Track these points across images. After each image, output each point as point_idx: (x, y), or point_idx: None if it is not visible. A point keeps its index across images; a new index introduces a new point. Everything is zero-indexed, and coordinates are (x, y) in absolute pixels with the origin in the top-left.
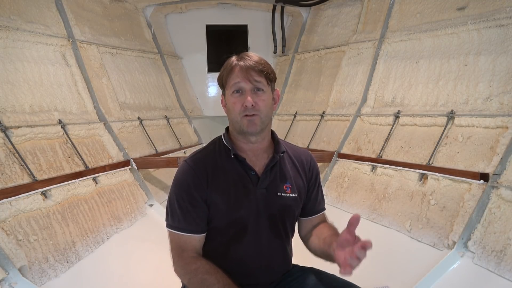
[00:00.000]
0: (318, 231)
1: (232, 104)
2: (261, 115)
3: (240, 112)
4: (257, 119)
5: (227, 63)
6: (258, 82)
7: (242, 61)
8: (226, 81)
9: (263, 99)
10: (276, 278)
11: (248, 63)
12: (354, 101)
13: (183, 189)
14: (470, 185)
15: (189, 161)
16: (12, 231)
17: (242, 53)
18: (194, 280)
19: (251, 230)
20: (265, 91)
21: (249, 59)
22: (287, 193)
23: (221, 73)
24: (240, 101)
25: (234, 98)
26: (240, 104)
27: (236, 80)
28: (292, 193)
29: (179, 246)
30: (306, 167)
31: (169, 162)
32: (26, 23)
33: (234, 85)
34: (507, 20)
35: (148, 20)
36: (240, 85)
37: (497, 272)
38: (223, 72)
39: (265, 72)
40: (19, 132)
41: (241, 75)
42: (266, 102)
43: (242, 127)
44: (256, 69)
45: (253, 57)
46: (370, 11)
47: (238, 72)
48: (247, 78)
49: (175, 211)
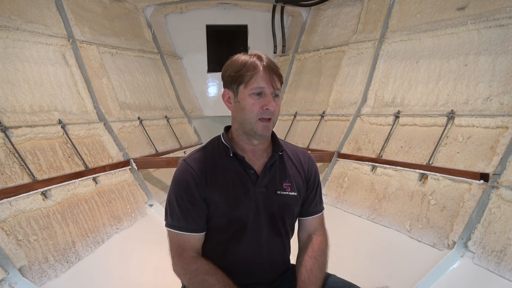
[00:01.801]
0: (305, 256)
1: (250, 105)
2: (274, 119)
3: (257, 114)
4: (271, 124)
5: (245, 60)
6: (278, 89)
7: (263, 62)
8: (247, 80)
9: (278, 104)
10: (275, 277)
11: (271, 66)
12: (354, 101)
13: (182, 188)
14: (470, 185)
15: (188, 160)
16: (12, 231)
17: (255, 52)
18: (194, 281)
19: (251, 229)
20: (279, 97)
21: (270, 62)
22: (286, 191)
23: (238, 70)
24: (259, 103)
25: (254, 99)
26: (259, 106)
27: (260, 84)
28: (292, 192)
29: (178, 245)
30: (304, 167)
31: (169, 162)
32: (26, 23)
33: (257, 88)
34: (507, 20)
35: (148, 20)
36: (263, 89)
37: (497, 272)
38: (242, 69)
39: (282, 78)
40: (19, 132)
41: (265, 79)
42: (279, 107)
43: (256, 130)
44: (277, 73)
45: (270, 59)
46: (370, 11)
47: (263, 74)
48: (270, 82)
49: (174, 210)
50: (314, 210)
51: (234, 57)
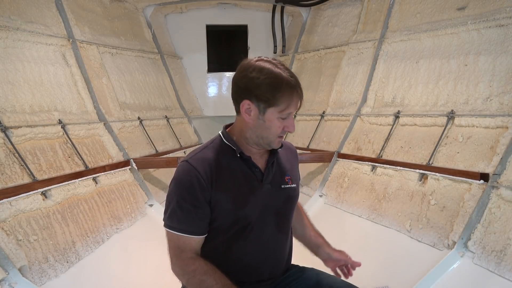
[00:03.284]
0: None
1: (276, 127)
2: None
3: (279, 133)
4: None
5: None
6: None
7: (298, 88)
8: (281, 106)
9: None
10: (278, 274)
11: (301, 90)
12: (354, 101)
13: (185, 190)
14: (470, 185)
15: (191, 161)
16: (12, 231)
17: (280, 64)
18: (193, 281)
19: (256, 227)
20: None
21: (299, 85)
22: (288, 184)
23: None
24: (283, 124)
25: (280, 122)
26: (282, 127)
27: (292, 110)
28: (293, 184)
29: (177, 246)
30: (296, 158)
31: (169, 162)
32: (26, 23)
33: (287, 113)
34: (507, 20)
35: (148, 20)
36: (292, 114)
37: (497, 272)
38: (278, 94)
39: None
40: (19, 132)
41: (296, 105)
42: None
43: (272, 145)
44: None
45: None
46: (370, 11)
47: (296, 101)
48: (297, 107)
49: (175, 212)
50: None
51: (260, 67)
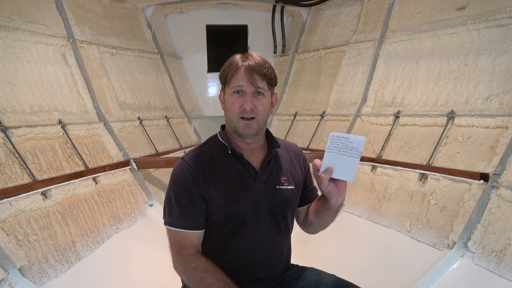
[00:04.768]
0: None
1: (230, 104)
2: (259, 118)
3: (237, 113)
4: (254, 123)
5: (231, 61)
6: (260, 87)
7: (247, 61)
8: (229, 80)
9: (263, 103)
10: (276, 273)
11: (253, 65)
12: (354, 101)
13: (180, 186)
14: (470, 185)
15: (185, 158)
16: (12, 231)
17: (247, 53)
18: (194, 278)
19: (251, 225)
20: (265, 95)
21: (254, 61)
22: (284, 185)
23: (224, 70)
24: (239, 102)
25: (234, 98)
26: (238, 105)
27: (239, 82)
28: (289, 185)
29: (178, 243)
30: (299, 159)
31: (169, 162)
32: (26, 23)
33: (236, 86)
34: (507, 20)
35: (148, 20)
36: (242, 87)
37: (497, 272)
38: (227, 69)
39: (268, 77)
40: (19, 132)
41: (245, 77)
42: (265, 106)
43: (238, 129)
44: (259, 73)
45: (257, 59)
46: (370, 11)
47: (242, 73)
48: (250, 81)
49: (173, 208)
50: (313, 196)
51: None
